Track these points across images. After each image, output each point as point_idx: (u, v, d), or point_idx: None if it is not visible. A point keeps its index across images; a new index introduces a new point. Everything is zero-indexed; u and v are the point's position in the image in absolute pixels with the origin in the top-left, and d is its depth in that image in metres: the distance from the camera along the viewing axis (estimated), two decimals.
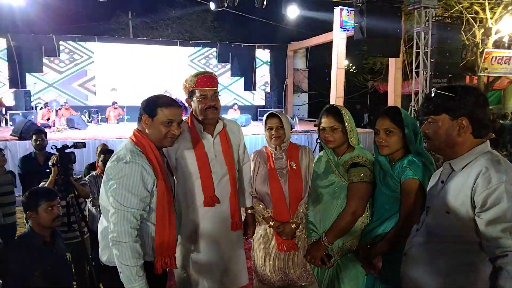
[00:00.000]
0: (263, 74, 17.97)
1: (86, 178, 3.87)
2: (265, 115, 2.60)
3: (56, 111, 12.41)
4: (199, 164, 2.37)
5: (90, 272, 3.21)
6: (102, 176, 3.87)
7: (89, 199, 3.81)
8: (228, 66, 17.08)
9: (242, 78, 17.35)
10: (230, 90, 17.25)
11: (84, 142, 3.57)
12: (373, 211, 2.21)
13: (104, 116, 14.32)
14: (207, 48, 17.06)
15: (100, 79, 15.59)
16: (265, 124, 2.57)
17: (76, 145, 3.46)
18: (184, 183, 2.41)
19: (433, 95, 1.59)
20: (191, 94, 2.42)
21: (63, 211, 2.86)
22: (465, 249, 1.51)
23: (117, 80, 15.71)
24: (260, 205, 2.53)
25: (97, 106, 15.01)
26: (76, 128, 11.89)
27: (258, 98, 17.98)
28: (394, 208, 2.04)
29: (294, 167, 2.51)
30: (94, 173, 4.04)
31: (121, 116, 14.21)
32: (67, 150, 3.25)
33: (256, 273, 2.60)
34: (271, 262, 2.50)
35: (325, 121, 2.31)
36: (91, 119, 13.97)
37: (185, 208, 2.42)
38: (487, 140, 1.57)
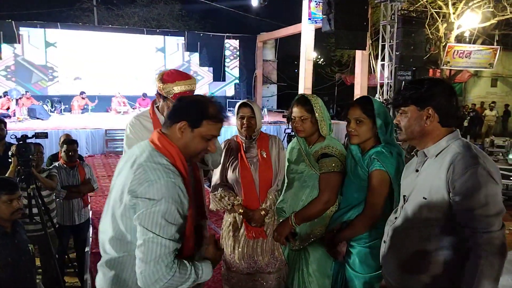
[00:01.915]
0: (232, 64, 17.89)
1: (55, 170, 3.75)
2: (237, 104, 2.60)
3: (17, 100, 11.95)
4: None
5: (54, 266, 3.13)
6: (66, 167, 3.82)
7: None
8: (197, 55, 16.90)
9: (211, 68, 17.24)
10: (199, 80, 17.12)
11: (46, 132, 3.47)
12: (341, 198, 2.26)
13: (67, 106, 13.89)
14: (175, 37, 16.78)
15: (63, 68, 15.08)
16: (237, 114, 2.58)
17: (38, 135, 3.35)
18: None
19: (402, 88, 1.68)
20: (163, 96, 2.29)
21: (24, 203, 2.77)
22: (442, 232, 1.57)
23: (81, 69, 15.23)
24: (230, 193, 2.54)
25: (60, 95, 14.53)
26: (37, 118, 11.50)
27: (227, 88, 17.92)
28: (362, 196, 2.09)
29: (265, 156, 2.53)
30: (56, 164, 3.92)
31: (86, 106, 13.83)
32: (28, 141, 3.13)
33: (224, 261, 2.62)
34: (239, 249, 2.53)
35: (295, 111, 2.32)
36: (53, 108, 13.52)
37: None
38: (457, 129, 1.65)
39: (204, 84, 17.32)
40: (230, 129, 11.67)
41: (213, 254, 1.63)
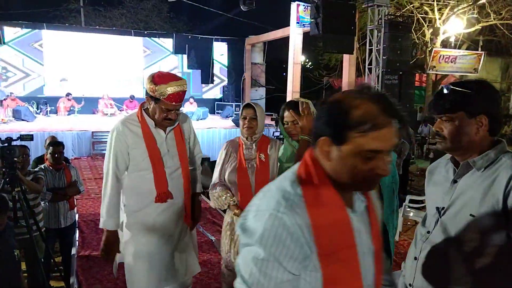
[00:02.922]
0: (220, 67, 17.88)
1: (42, 172, 3.70)
2: (242, 105, 2.64)
3: (1, 101, 11.76)
4: (152, 160, 2.34)
5: (40, 270, 3.09)
6: (52, 169, 3.77)
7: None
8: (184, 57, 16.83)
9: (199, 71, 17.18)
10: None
11: (32, 135, 3.40)
12: None
13: (53, 108, 13.71)
14: (162, 39, 16.71)
15: (49, 69, 14.89)
16: (241, 113, 2.60)
17: (23, 138, 3.30)
18: (135, 177, 2.38)
19: (445, 91, 1.47)
20: (155, 98, 2.28)
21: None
22: (490, 253, 1.42)
23: (68, 70, 15.06)
24: (227, 193, 2.56)
25: (46, 97, 14.34)
26: (23, 120, 11.33)
27: (215, 91, 17.89)
28: None
29: (263, 159, 2.55)
30: (42, 166, 3.87)
31: (72, 108, 13.66)
32: (14, 143, 3.09)
33: (223, 258, 2.68)
34: (235, 249, 2.57)
35: (286, 115, 2.35)
36: (39, 110, 13.33)
37: (135, 202, 2.39)
38: (502, 139, 1.50)
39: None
40: (218, 131, 11.69)
41: None
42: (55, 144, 3.89)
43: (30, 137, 3.34)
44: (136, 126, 2.36)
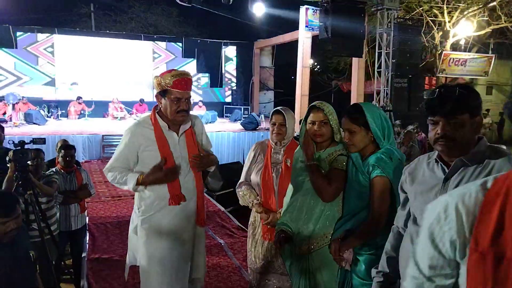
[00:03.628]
0: (229, 71, 17.94)
1: (56, 176, 3.74)
2: (272, 110, 2.66)
3: (13, 105, 11.91)
4: (165, 163, 2.37)
5: (51, 273, 3.11)
6: (63, 172, 3.81)
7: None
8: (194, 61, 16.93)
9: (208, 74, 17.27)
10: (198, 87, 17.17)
11: (44, 138, 3.45)
12: (343, 205, 2.24)
13: (64, 111, 13.86)
14: (172, 43, 16.82)
15: (60, 73, 15.06)
16: (270, 119, 2.63)
17: (35, 141, 3.34)
18: None
19: (445, 93, 1.50)
20: (164, 92, 2.36)
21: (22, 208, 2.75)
22: None
23: (78, 74, 15.22)
24: (252, 192, 2.60)
25: (57, 100, 14.50)
26: (34, 123, 11.47)
27: (224, 95, 17.95)
28: (364, 203, 2.08)
29: (289, 165, 2.53)
30: (54, 169, 3.91)
31: (83, 112, 13.80)
32: (26, 146, 3.13)
33: (247, 257, 2.73)
34: (255, 248, 2.61)
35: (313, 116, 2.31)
36: (50, 114, 13.49)
37: (149, 206, 2.41)
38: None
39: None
40: (227, 134, 11.71)
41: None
42: (67, 148, 3.93)
43: (42, 141, 3.38)
44: (148, 129, 2.39)
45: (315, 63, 21.57)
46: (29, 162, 3.09)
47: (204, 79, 17.27)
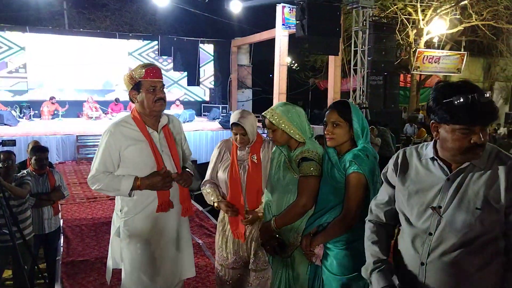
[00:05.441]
0: (207, 69, 17.83)
1: (28, 177, 3.64)
2: (230, 122, 2.57)
3: None
4: (156, 159, 2.35)
5: (23, 278, 3.04)
6: (35, 174, 3.71)
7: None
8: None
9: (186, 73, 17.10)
10: (180, 85, 17.03)
11: (14, 140, 3.39)
12: (316, 200, 2.27)
13: (37, 112, 13.51)
14: (147, 42, 16.60)
15: (32, 73, 14.66)
16: (231, 128, 2.57)
17: (5, 143, 3.25)
18: None
19: (484, 101, 1.42)
20: (137, 85, 2.34)
21: None
22: (492, 244, 1.50)
23: (51, 73, 14.85)
24: (215, 191, 2.59)
25: (29, 101, 14.12)
26: (5, 124, 11.12)
27: (202, 93, 17.84)
28: (338, 198, 2.11)
29: (255, 161, 2.55)
30: (25, 171, 3.80)
31: (56, 112, 13.47)
32: None
33: (216, 254, 2.71)
34: (227, 244, 2.61)
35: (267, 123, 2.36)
36: (22, 114, 13.12)
37: (133, 206, 2.36)
38: None
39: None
40: (205, 133, 11.65)
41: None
42: (40, 150, 3.83)
43: (12, 142, 3.31)
44: (129, 129, 2.35)
45: (293, 61, 21.68)
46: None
47: (182, 78, 17.10)
